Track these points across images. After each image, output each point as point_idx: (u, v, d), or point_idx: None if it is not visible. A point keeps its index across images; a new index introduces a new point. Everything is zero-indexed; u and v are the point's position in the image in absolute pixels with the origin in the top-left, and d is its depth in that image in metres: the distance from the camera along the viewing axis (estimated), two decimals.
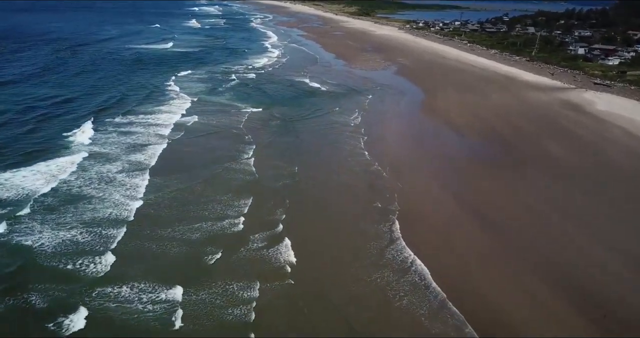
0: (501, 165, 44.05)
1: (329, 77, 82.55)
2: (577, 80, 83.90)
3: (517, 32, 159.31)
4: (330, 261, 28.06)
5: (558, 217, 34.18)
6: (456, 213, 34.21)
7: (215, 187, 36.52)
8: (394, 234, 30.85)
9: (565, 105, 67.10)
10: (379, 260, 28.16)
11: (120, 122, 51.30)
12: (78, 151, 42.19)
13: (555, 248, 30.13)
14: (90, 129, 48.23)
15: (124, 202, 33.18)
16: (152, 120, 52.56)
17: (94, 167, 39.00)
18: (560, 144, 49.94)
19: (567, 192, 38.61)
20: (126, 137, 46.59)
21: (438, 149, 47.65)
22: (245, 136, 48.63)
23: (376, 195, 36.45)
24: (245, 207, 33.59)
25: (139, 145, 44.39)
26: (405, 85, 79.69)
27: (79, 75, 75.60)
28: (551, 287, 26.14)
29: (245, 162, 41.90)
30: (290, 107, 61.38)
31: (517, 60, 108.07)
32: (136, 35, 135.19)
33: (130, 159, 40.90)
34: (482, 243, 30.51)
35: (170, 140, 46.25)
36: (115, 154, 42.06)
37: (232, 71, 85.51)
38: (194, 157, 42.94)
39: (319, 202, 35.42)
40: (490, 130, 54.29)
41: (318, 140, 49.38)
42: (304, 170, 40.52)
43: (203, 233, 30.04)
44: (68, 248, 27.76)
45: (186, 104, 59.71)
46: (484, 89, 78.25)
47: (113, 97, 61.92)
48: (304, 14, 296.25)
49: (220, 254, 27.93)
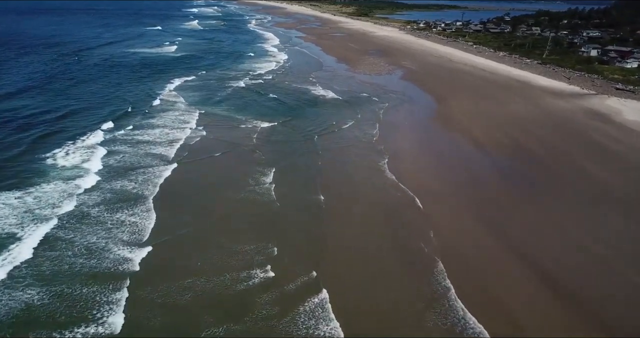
0: (536, 190, 38.80)
1: (335, 84, 77.29)
2: (597, 85, 78.81)
3: (523, 32, 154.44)
4: (375, 318, 23.20)
5: (617, 260, 28.92)
6: (497, 256, 28.90)
7: (233, 225, 31.16)
8: (441, 284, 25.87)
9: (591, 115, 61.93)
10: (429, 318, 23.02)
11: (122, 139, 46.22)
12: (70, 178, 36.68)
13: (623, 302, 24.88)
14: (81, 151, 42.76)
15: (124, 254, 27.29)
16: (155, 137, 47.16)
17: (87, 204, 33.46)
18: (598, 162, 44.68)
19: (622, 226, 33.36)
20: (126, 158, 41.31)
21: (466, 171, 42.20)
22: (259, 156, 43.40)
23: (413, 232, 31.26)
24: (272, 252, 28.39)
25: (141, 170, 38.80)
26: (414, 92, 74.40)
27: (77, 85, 69.44)
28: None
29: (264, 191, 36.22)
30: (304, 119, 56.14)
31: (528, 63, 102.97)
32: (138, 39, 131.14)
33: (129, 190, 35.25)
34: (532, 295, 25.22)
35: (176, 163, 40.76)
36: (113, 184, 36.38)
37: (234, 77, 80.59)
38: (203, 184, 37.47)
39: (352, 244, 29.87)
40: (517, 146, 49.03)
41: (341, 161, 43.60)
42: (331, 201, 35.00)
43: (223, 289, 24.78)
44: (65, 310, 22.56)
45: (193, 118, 54.39)
46: (498, 95, 73.09)
47: (117, 110, 56.35)
48: (301, 14, 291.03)
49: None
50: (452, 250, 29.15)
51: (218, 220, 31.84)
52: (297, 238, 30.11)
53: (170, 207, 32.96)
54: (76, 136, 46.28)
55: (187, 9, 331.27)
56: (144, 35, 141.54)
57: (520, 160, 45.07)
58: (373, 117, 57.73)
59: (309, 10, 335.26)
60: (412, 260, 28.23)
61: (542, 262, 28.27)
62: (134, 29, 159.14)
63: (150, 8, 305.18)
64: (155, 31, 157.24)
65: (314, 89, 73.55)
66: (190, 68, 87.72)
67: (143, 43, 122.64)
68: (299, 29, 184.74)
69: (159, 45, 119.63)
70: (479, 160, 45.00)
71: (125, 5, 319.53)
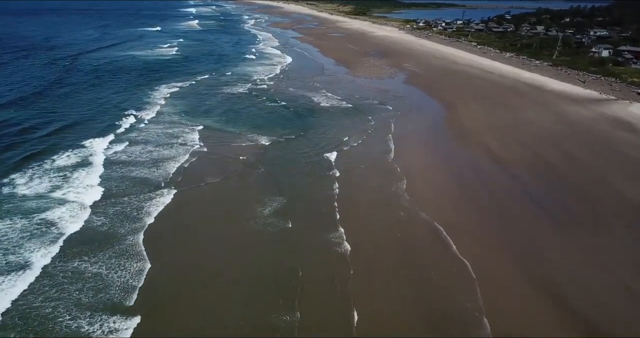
0: (569, 218, 33.78)
1: (337, 90, 72.14)
2: (616, 89, 73.83)
3: (527, 31, 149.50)
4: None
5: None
6: (536, 305, 23.94)
7: (246, 290, 25.19)
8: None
9: (615, 124, 56.98)
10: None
11: (101, 160, 41.03)
12: (33, 211, 31.43)
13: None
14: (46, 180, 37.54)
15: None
16: (139, 157, 41.98)
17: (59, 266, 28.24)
18: (636, 183, 39.71)
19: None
20: (105, 184, 35.93)
21: (490, 196, 37.05)
22: (263, 183, 37.77)
23: (458, 290, 25.95)
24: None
25: (135, 206, 33.11)
26: (421, 99, 69.41)
27: (65, 96, 64.04)
28: None
29: (273, 237, 30.01)
30: (308, 131, 51.09)
31: (537, 64, 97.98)
32: (137, 41, 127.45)
33: (103, 230, 30.07)
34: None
35: (167, 194, 34.81)
36: (88, 226, 31.22)
37: (231, 83, 75.54)
38: (196, 228, 31.32)
39: (389, 304, 24.47)
40: (541, 162, 44.00)
41: (361, 190, 37.23)
42: (358, 251, 28.64)
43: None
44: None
45: (188, 132, 49.07)
46: (511, 101, 68.10)
47: (100, 125, 51.18)
48: (298, 14, 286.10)
49: None
50: (494, 305, 24.09)
51: (222, 285, 26.04)
52: (320, 303, 24.35)
53: (160, 269, 26.63)
54: (44, 157, 40.86)
55: (185, 8, 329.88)
56: (144, 37, 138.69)
57: (548, 181, 40.03)
58: (384, 130, 52.75)
59: (306, 9, 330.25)
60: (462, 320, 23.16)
61: (577, 304, 23.30)
62: (133, 30, 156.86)
63: (149, 8, 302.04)
64: (155, 32, 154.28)
65: (314, 95, 68.40)
66: (186, 73, 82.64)
67: (142, 45, 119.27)
68: (295, 29, 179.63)
69: (157, 47, 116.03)
70: (502, 182, 39.92)
71: (125, 6, 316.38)
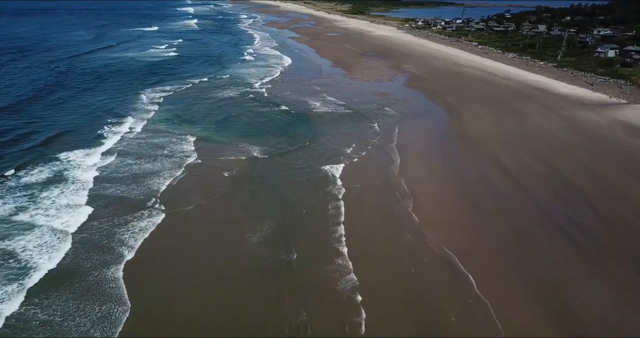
0: (594, 247, 30.20)
1: (335, 94, 68.51)
2: (626, 92, 70.43)
3: (529, 31, 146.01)
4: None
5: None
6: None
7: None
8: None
9: (631, 131, 53.51)
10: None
11: (99, 176, 37.10)
12: None
13: None
14: None
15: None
16: (123, 174, 38.15)
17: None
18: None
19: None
20: (77, 202, 32.26)
21: (505, 220, 33.35)
22: (257, 206, 33.95)
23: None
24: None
25: (113, 235, 29.53)
26: (424, 104, 65.76)
27: (54, 103, 60.56)
28: None
29: (282, 268, 26.73)
30: (305, 141, 47.55)
31: (542, 66, 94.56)
32: (134, 42, 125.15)
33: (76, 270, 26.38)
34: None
35: (148, 221, 30.97)
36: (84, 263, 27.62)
37: (226, 86, 71.90)
38: (188, 263, 27.93)
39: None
40: (557, 177, 40.38)
41: (366, 211, 33.62)
42: (371, 299, 24.42)
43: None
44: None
45: (185, 147, 44.91)
46: (517, 106, 64.62)
47: (97, 136, 47.53)
48: (295, 13, 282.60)
49: None
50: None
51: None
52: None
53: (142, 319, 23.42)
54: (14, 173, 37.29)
55: (183, 7, 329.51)
56: (141, 37, 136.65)
57: (567, 200, 36.35)
58: (387, 138, 49.29)
59: (303, 8, 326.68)
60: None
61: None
62: (130, 30, 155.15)
63: (147, 7, 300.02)
64: (152, 32, 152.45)
65: (312, 100, 64.73)
66: (181, 77, 78.84)
67: (138, 46, 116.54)
68: (292, 29, 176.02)
69: (154, 48, 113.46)
70: (516, 201, 36.25)
71: (124, 6, 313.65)
